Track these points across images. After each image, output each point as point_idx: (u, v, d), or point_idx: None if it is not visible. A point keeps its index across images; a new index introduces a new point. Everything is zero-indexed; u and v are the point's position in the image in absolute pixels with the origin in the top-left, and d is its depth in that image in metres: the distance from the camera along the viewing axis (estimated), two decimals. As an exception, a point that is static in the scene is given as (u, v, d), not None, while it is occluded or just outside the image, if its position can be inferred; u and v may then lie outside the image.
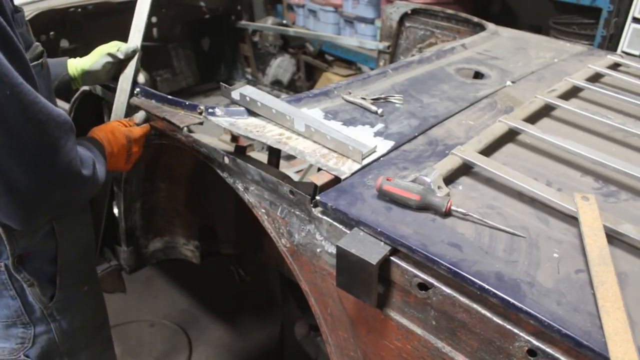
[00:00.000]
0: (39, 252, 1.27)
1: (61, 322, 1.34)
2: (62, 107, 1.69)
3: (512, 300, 0.87)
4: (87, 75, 1.54)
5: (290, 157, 2.33)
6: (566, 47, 2.28)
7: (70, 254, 1.34)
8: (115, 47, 1.55)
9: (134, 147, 1.42)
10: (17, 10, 1.09)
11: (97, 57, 1.54)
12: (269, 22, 3.67)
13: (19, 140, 0.93)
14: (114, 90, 1.59)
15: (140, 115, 1.52)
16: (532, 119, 1.51)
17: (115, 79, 1.59)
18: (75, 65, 1.53)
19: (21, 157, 0.94)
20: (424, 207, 1.08)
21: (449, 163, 1.21)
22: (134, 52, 1.56)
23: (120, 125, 1.42)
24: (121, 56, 1.54)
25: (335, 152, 1.29)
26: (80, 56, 1.56)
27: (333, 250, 1.13)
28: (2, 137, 0.91)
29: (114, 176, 1.82)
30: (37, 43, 1.18)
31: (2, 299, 1.25)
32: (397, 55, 3.03)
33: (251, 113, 1.43)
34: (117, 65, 1.57)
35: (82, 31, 2.72)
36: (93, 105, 1.77)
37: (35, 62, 1.13)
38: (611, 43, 2.83)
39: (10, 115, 0.90)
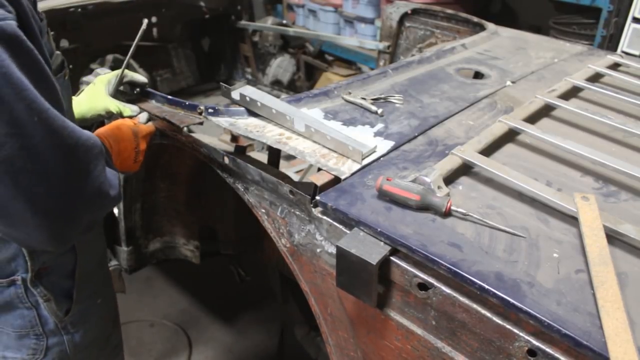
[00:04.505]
0: (57, 266, 1.24)
1: (74, 335, 1.32)
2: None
3: (512, 300, 0.87)
4: (81, 119, 1.47)
5: (290, 157, 2.33)
6: (566, 47, 2.28)
7: (88, 266, 1.31)
8: (115, 107, 1.46)
9: (141, 144, 1.38)
10: (41, 19, 1.05)
11: (95, 111, 1.46)
12: (269, 22, 3.67)
13: (46, 166, 0.90)
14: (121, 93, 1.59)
15: (143, 117, 1.50)
16: (532, 119, 1.51)
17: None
18: (73, 108, 1.43)
19: (49, 183, 0.91)
20: (424, 207, 1.08)
21: (449, 163, 1.21)
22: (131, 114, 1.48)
23: (127, 121, 1.39)
24: (122, 115, 1.46)
25: (335, 152, 1.29)
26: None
27: (333, 250, 1.13)
28: (30, 163, 0.88)
29: None
30: (58, 52, 1.14)
31: (16, 310, 1.22)
32: (397, 55, 3.03)
33: (251, 113, 1.43)
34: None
35: (82, 31, 2.72)
36: None
37: (59, 74, 1.11)
38: (611, 43, 2.83)
39: (37, 142, 0.88)
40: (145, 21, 1.42)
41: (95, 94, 1.46)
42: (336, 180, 1.20)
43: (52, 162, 0.90)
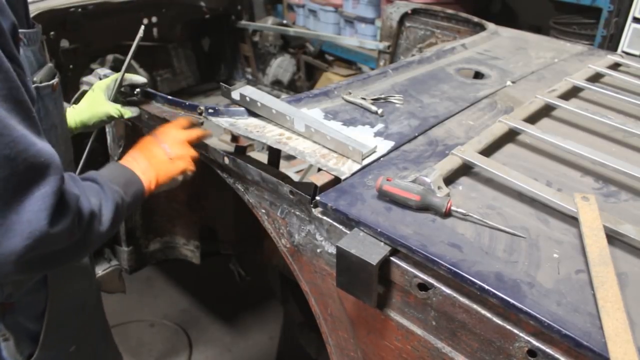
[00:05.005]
0: (25, 304, 1.11)
1: None
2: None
3: (512, 301, 0.87)
4: (83, 127, 1.44)
5: (290, 157, 2.33)
6: (566, 47, 2.28)
7: (62, 309, 1.17)
8: (116, 110, 1.41)
9: (162, 138, 1.28)
10: (31, 26, 1.01)
11: (97, 117, 1.42)
12: (269, 22, 3.67)
13: None
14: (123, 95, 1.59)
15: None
16: (532, 119, 1.51)
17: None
18: (74, 117, 1.41)
19: None
20: (424, 207, 1.08)
21: (449, 163, 1.21)
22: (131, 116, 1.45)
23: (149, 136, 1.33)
24: (123, 117, 1.43)
25: (335, 152, 1.29)
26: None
27: (333, 250, 1.13)
28: None
29: None
30: (50, 64, 1.10)
31: None
32: (397, 55, 3.03)
33: (251, 113, 1.43)
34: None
35: (82, 31, 2.72)
36: None
37: (46, 84, 1.05)
38: (611, 43, 2.82)
39: None
40: (143, 27, 1.41)
41: (95, 101, 1.44)
42: (336, 180, 1.20)
43: None
